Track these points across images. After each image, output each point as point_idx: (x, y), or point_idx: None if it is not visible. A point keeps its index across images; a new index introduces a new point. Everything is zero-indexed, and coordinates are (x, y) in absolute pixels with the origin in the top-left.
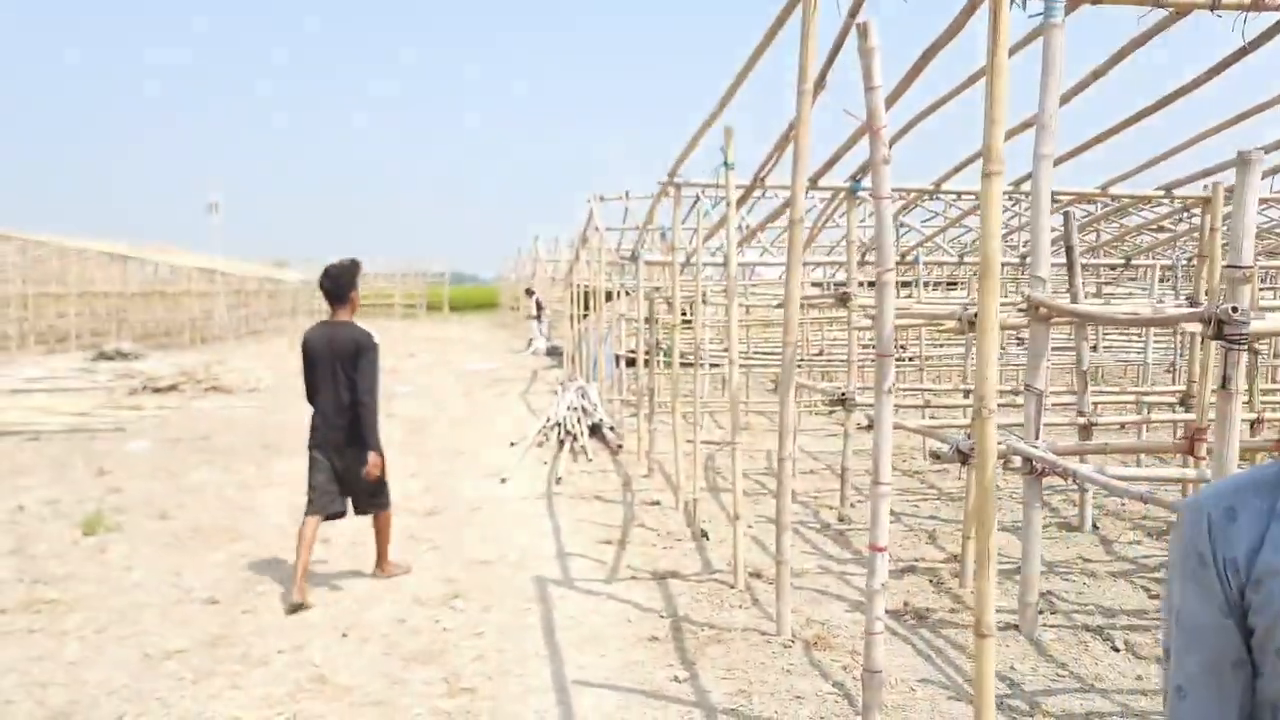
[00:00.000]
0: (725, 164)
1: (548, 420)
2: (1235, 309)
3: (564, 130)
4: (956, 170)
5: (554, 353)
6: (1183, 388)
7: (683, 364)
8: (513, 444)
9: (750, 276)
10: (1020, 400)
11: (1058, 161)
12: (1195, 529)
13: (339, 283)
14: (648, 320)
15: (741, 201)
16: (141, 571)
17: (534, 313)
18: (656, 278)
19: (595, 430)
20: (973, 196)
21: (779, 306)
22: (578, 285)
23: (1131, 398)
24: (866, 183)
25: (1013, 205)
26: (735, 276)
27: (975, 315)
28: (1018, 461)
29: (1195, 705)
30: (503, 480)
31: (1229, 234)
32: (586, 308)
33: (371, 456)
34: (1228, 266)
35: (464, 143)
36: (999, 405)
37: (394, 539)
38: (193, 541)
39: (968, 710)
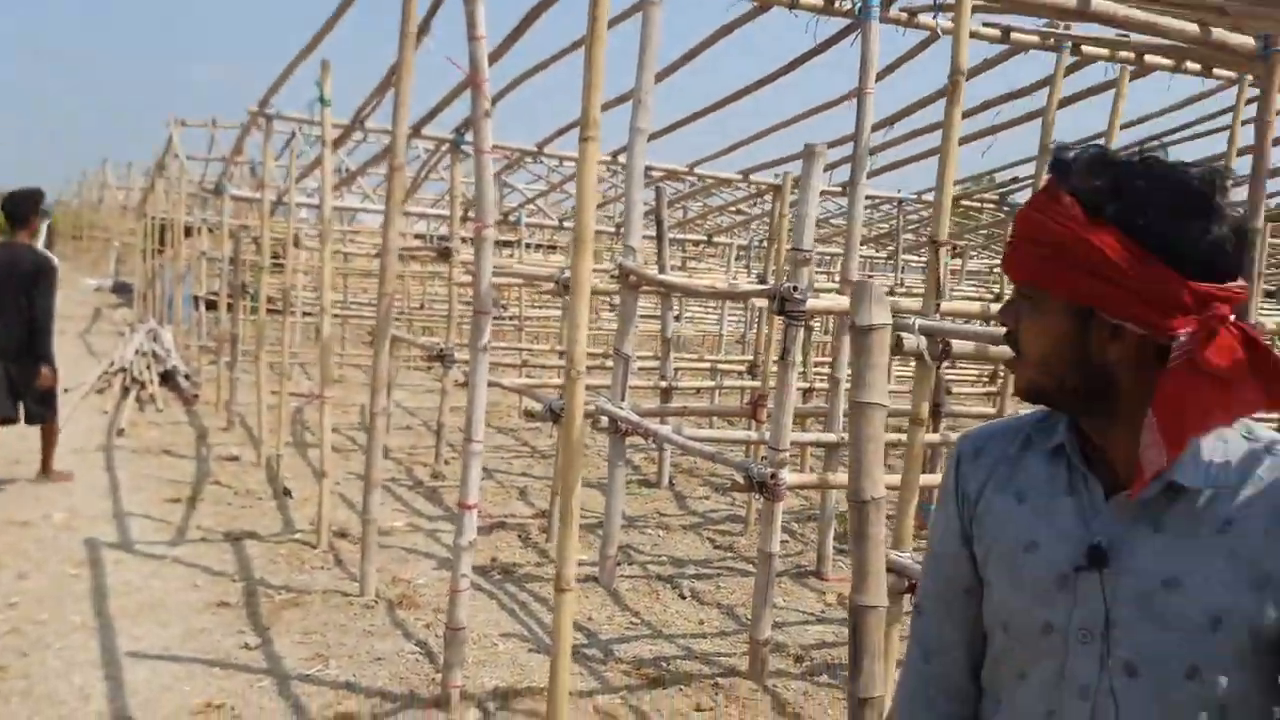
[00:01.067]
0: (321, 99)
1: (111, 365)
2: (795, 288)
3: (148, 45)
4: (559, 134)
5: (122, 290)
6: (750, 358)
7: (271, 310)
8: (66, 390)
9: (349, 223)
10: (610, 364)
11: (652, 137)
12: (950, 465)
13: (21, 208)
14: (233, 261)
15: (340, 142)
16: None
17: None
18: (245, 215)
19: (167, 378)
20: (573, 163)
21: (378, 256)
22: (152, 217)
23: (707, 365)
24: (471, 137)
25: (610, 176)
26: (330, 220)
27: (570, 279)
28: (605, 421)
29: (928, 623)
30: None
31: (794, 220)
32: (162, 243)
33: (44, 368)
34: (791, 249)
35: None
36: (590, 368)
37: None
38: None
39: (547, 660)
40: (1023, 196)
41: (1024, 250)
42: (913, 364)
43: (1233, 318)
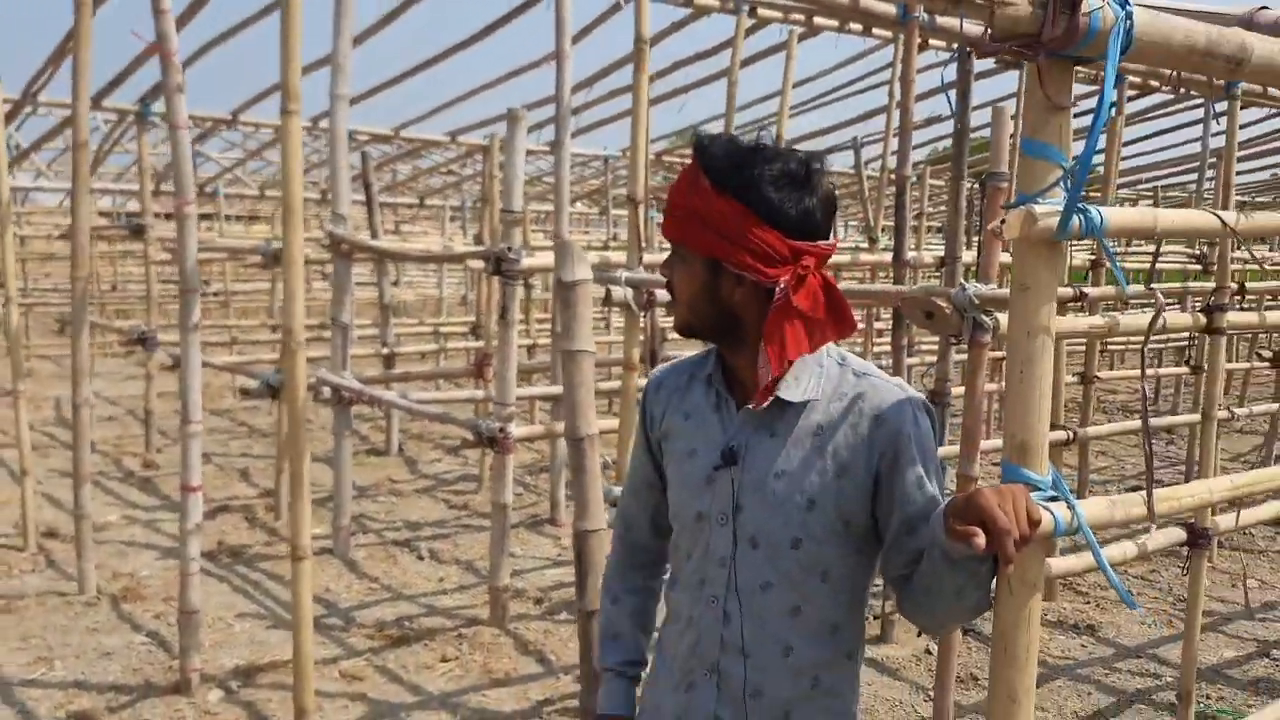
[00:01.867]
0: None
1: None
2: (510, 249)
3: None
4: (255, 101)
5: None
6: (473, 319)
7: None
8: None
9: (23, 203)
10: (328, 334)
11: (353, 101)
12: (644, 392)
13: None
14: None
15: (11, 117)
16: None
17: None
18: None
19: None
20: (271, 130)
21: (62, 237)
22: None
23: (430, 329)
24: (159, 106)
25: (312, 141)
26: (8, 202)
27: (280, 251)
28: (327, 392)
29: (626, 504)
30: None
31: (504, 182)
32: None
33: None
34: (503, 211)
35: None
36: (308, 340)
37: None
38: None
39: (285, 636)
40: None
41: (674, 215)
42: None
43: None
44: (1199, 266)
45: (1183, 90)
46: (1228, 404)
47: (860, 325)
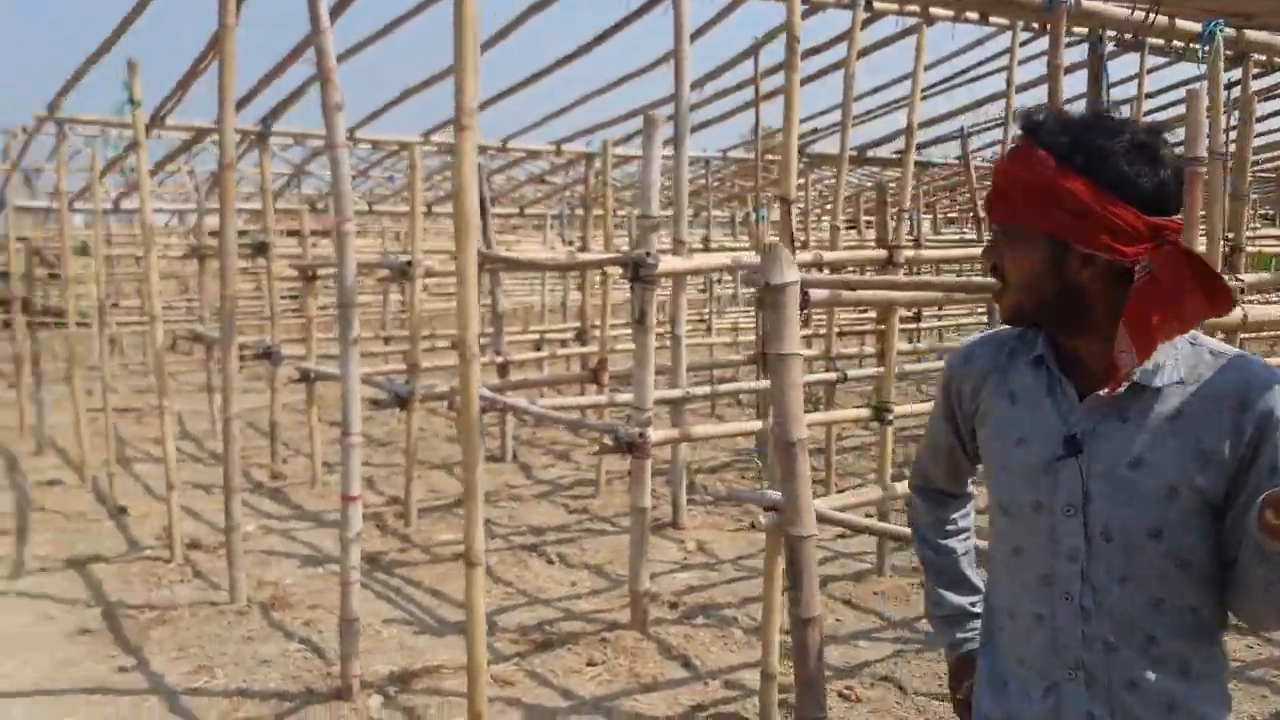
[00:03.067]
0: (131, 101)
1: None
2: (648, 254)
3: None
4: (369, 120)
5: None
6: (578, 324)
7: (57, 324)
8: None
9: (131, 223)
10: (441, 343)
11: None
12: (950, 364)
13: None
14: (25, 276)
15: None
16: None
17: None
18: (23, 226)
19: None
20: (370, 145)
21: (183, 257)
22: None
23: (535, 335)
24: (279, 126)
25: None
26: (151, 227)
27: (407, 264)
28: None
29: (924, 464)
30: None
31: (640, 188)
32: None
33: None
34: (640, 216)
35: None
36: (426, 350)
37: None
38: None
39: (433, 641)
40: (822, 146)
41: (1006, 197)
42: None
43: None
44: None
45: None
46: None
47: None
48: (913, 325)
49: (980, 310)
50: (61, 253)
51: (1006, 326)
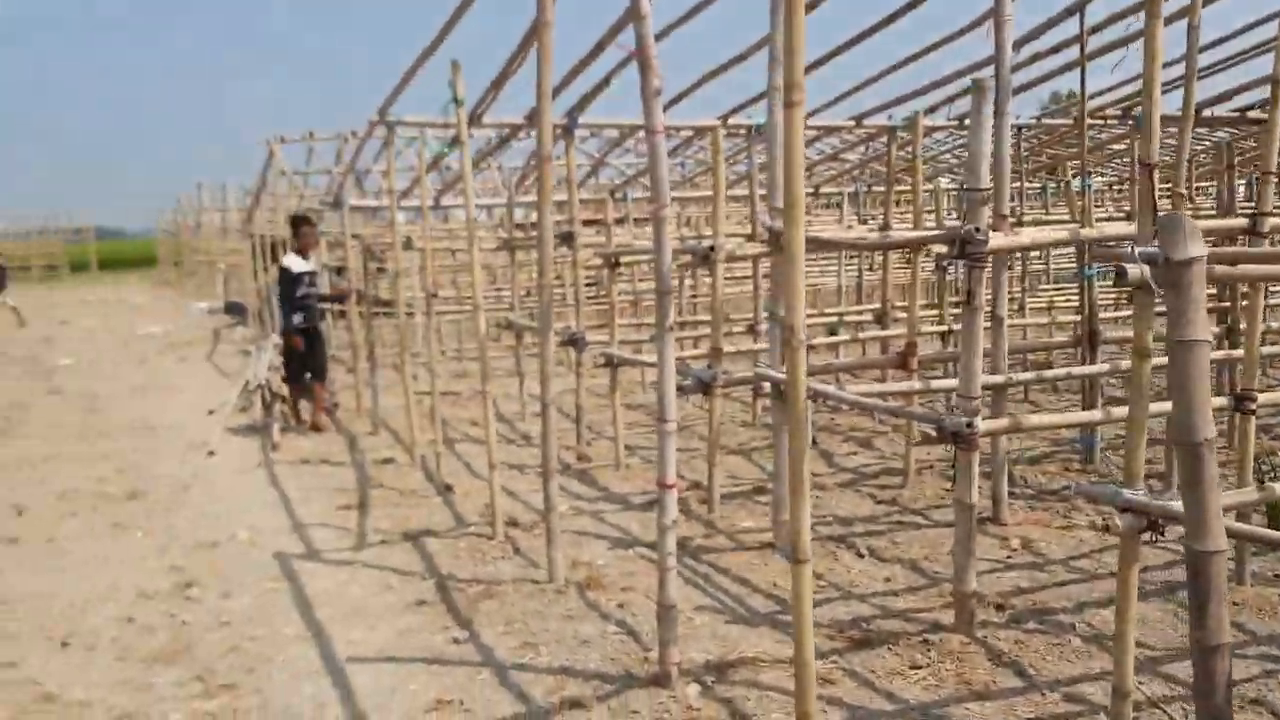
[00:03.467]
0: (455, 100)
1: (248, 383)
2: (977, 229)
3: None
4: (673, 102)
5: (234, 310)
6: (877, 306)
7: (387, 313)
8: (211, 412)
9: (446, 219)
10: (744, 330)
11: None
12: None
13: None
14: (364, 270)
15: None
16: None
17: None
18: (359, 224)
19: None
20: (675, 133)
21: (498, 249)
22: (259, 236)
23: (832, 318)
24: (584, 119)
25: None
26: (473, 220)
27: (711, 248)
28: (766, 387)
29: None
30: (210, 453)
31: (967, 158)
32: (273, 259)
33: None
34: (967, 189)
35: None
36: (728, 334)
37: (95, 527)
38: None
39: (746, 631)
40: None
41: None
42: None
43: None
44: None
45: None
46: None
47: None
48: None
49: None
50: (389, 247)
51: None
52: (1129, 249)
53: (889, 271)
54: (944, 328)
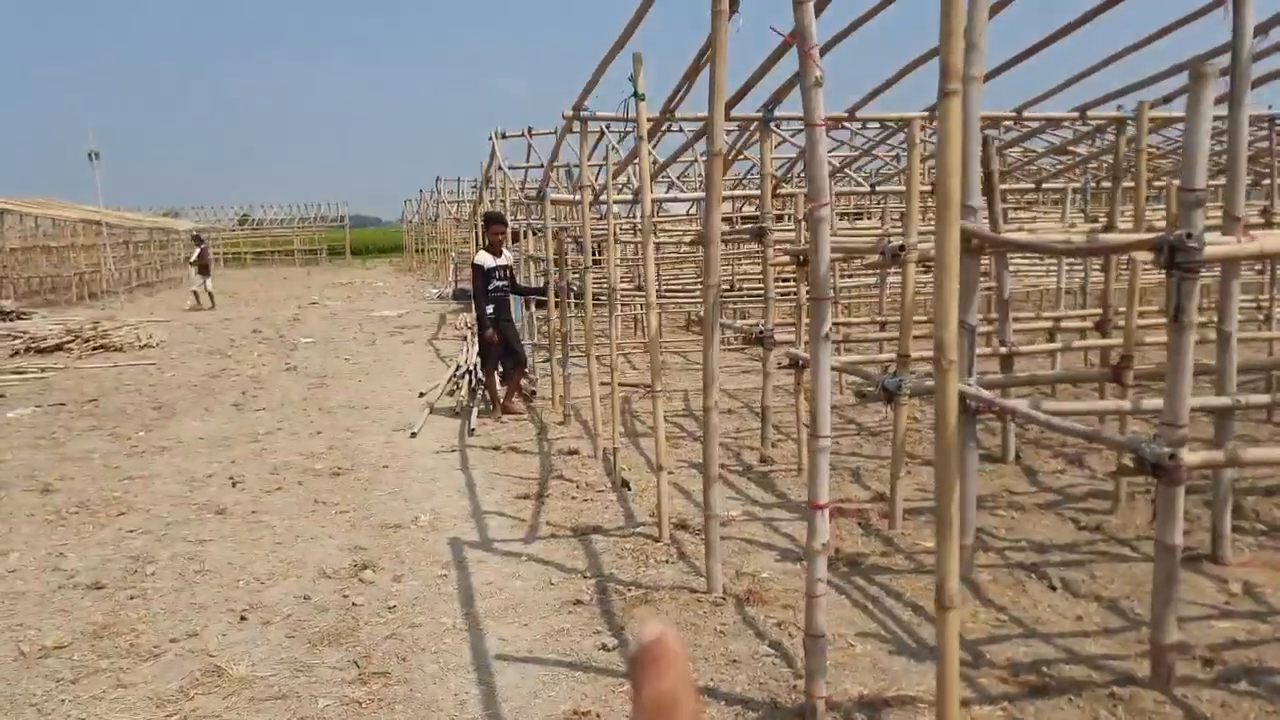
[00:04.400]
0: (636, 94)
1: (458, 368)
2: (1189, 235)
3: (463, 68)
4: (871, 97)
5: (462, 296)
6: (1097, 312)
7: (599, 305)
8: (421, 394)
9: (658, 212)
10: (926, 332)
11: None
12: None
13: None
14: (556, 261)
15: (651, 135)
16: (18, 554)
17: (192, 259)
18: (564, 216)
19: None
20: (877, 125)
21: (692, 243)
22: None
23: (1046, 324)
24: (779, 111)
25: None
26: (651, 214)
27: (900, 248)
28: None
29: None
30: (412, 434)
31: (1183, 154)
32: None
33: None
34: (1181, 189)
35: (360, 82)
36: (917, 336)
37: (296, 502)
38: (77, 517)
39: (910, 665)
40: None
41: None
42: None
43: None
44: None
45: None
46: None
47: None
48: None
49: None
50: (583, 240)
51: None
52: None
53: (1111, 274)
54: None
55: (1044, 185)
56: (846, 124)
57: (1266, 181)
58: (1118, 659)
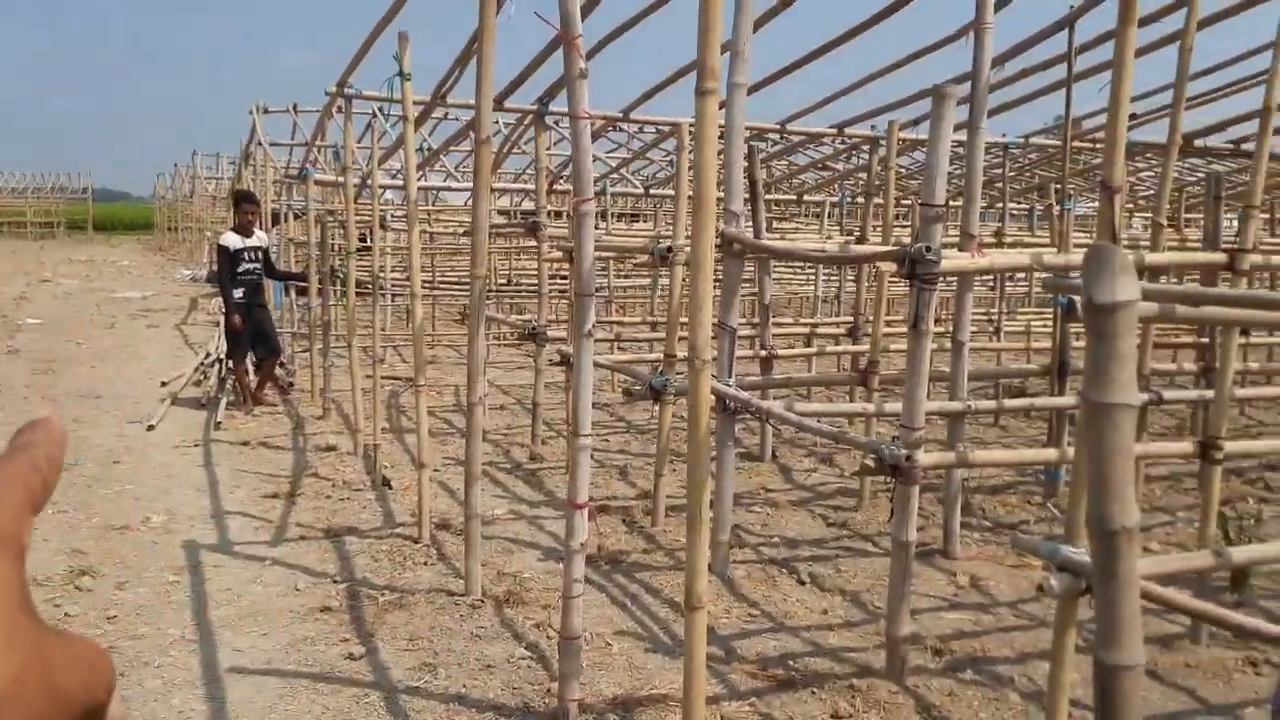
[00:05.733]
0: (401, 74)
1: (207, 356)
2: (928, 248)
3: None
4: (645, 98)
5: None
6: (850, 319)
7: (360, 294)
8: (164, 383)
9: (434, 202)
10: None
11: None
12: None
13: None
14: (320, 246)
15: (422, 119)
16: None
17: None
18: (331, 199)
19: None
20: (654, 129)
21: (466, 234)
22: None
23: (804, 329)
24: (555, 105)
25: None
26: (416, 200)
27: (669, 249)
28: (711, 399)
29: None
30: (150, 426)
31: (923, 171)
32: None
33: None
34: (922, 204)
35: (117, 49)
36: (684, 338)
37: None
38: None
39: (665, 663)
40: (1141, 135)
41: None
42: None
43: None
44: None
45: None
46: None
47: None
48: (1240, 340)
49: None
50: (348, 224)
51: None
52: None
53: (862, 284)
54: None
55: (805, 198)
56: (623, 125)
57: (1000, 205)
58: (858, 651)
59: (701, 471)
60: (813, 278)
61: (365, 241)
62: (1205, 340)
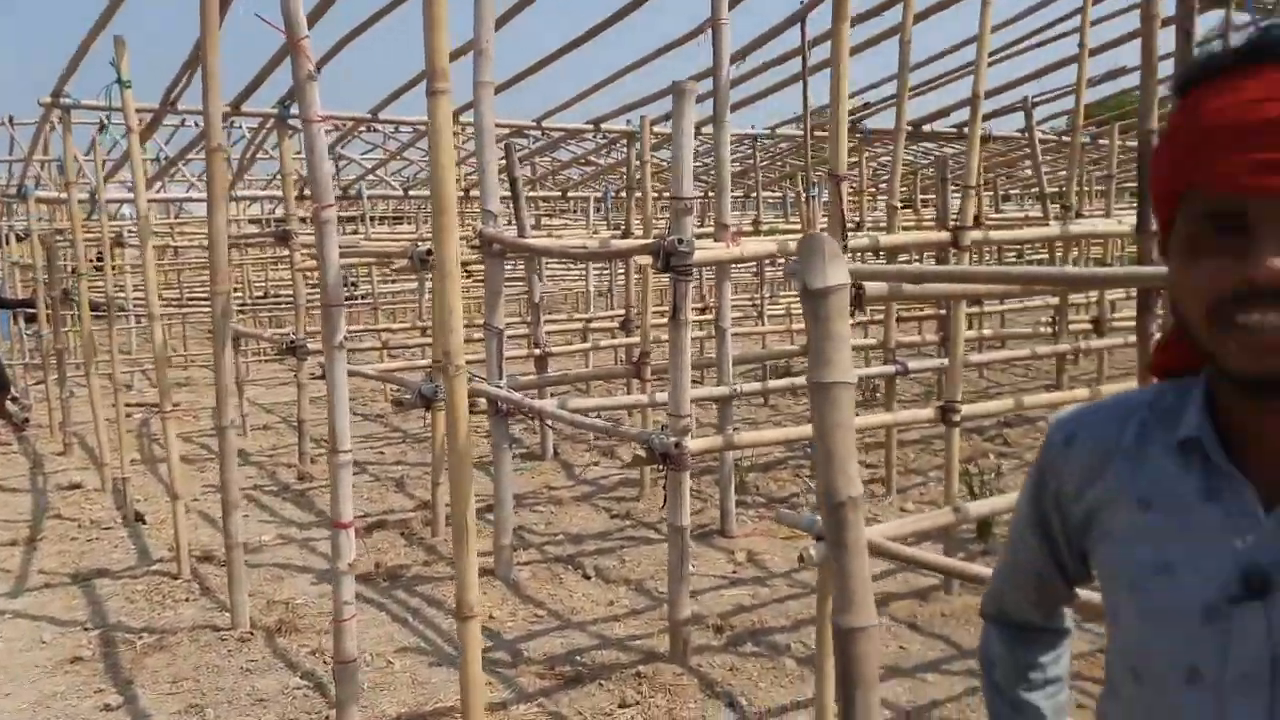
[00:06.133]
0: (120, 81)
1: None
2: (680, 240)
3: None
4: (393, 97)
5: None
6: (622, 312)
7: (98, 317)
8: None
9: (177, 214)
10: (479, 336)
11: (496, 91)
12: (1044, 448)
13: None
14: (48, 268)
15: (151, 128)
16: None
17: None
18: (59, 217)
19: None
20: (410, 129)
21: (203, 247)
22: None
23: (578, 325)
24: (297, 108)
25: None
26: (148, 215)
27: (428, 253)
28: (483, 403)
29: (1001, 589)
30: None
31: (671, 165)
32: None
33: None
34: (672, 198)
35: None
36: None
37: None
38: None
39: (450, 676)
40: (877, 121)
41: None
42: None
43: None
44: None
45: None
46: None
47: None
48: (974, 309)
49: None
50: (76, 243)
51: (1152, 381)
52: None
53: (631, 278)
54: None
55: (570, 194)
56: (377, 126)
57: (755, 194)
58: (644, 638)
59: (465, 480)
60: (584, 274)
61: (101, 260)
62: (944, 312)
